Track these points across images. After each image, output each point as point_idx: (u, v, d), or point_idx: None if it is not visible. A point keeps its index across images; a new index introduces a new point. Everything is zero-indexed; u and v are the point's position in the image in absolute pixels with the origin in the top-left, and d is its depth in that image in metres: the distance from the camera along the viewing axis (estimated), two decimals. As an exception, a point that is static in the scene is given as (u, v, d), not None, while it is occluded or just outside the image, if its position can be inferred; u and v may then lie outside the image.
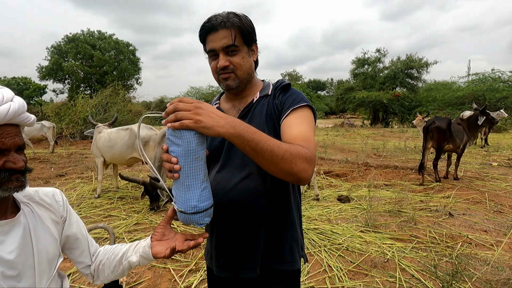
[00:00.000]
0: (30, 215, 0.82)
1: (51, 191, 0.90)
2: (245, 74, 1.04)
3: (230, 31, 0.97)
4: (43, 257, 0.79)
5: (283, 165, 0.82)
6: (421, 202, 4.42)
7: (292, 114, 0.99)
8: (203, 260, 2.82)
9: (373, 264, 2.69)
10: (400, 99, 21.95)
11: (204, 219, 0.85)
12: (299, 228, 1.13)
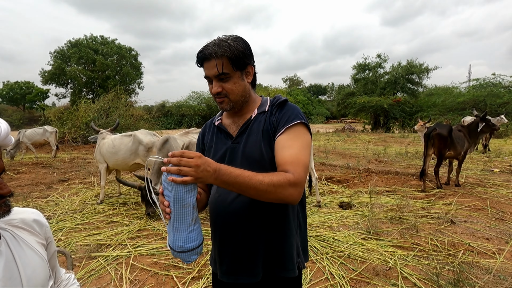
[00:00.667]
0: (12, 241, 0.76)
1: (33, 215, 0.85)
2: (238, 97, 1.11)
3: (220, 60, 1.04)
4: (33, 283, 0.75)
5: (269, 196, 0.94)
6: (422, 209, 4.42)
7: (285, 133, 1.06)
8: (206, 267, 2.84)
9: (375, 272, 2.70)
10: (401, 104, 22.00)
11: (190, 257, 0.95)
12: (299, 235, 1.17)
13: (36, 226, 0.83)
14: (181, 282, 2.59)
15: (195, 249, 0.94)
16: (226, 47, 1.04)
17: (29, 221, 0.82)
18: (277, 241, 1.09)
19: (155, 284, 2.57)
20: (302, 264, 1.16)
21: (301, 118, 1.08)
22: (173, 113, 32.37)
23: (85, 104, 16.31)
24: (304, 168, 1.00)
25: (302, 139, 1.06)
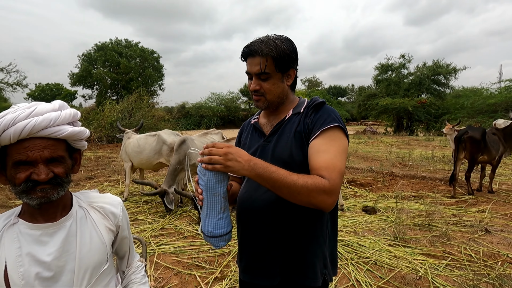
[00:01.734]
0: (82, 220, 0.85)
1: (114, 203, 0.95)
2: (274, 98, 1.10)
3: (265, 59, 1.03)
4: (85, 263, 0.82)
5: (301, 198, 0.92)
6: (453, 216, 4.19)
7: (320, 137, 1.02)
8: (228, 268, 2.83)
9: (405, 281, 2.57)
10: (426, 106, 21.12)
11: (219, 243, 1.01)
12: (328, 245, 1.12)
13: (110, 215, 0.91)
14: (204, 282, 2.59)
15: (223, 236, 1.00)
16: (273, 47, 1.02)
17: (106, 208, 0.91)
18: (298, 247, 1.06)
19: (179, 283, 2.59)
20: (329, 276, 1.11)
21: (338, 122, 1.04)
22: (192, 114, 32.93)
23: (110, 105, 16.92)
24: (340, 175, 0.96)
25: (339, 144, 1.01)
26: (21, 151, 0.73)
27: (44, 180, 0.74)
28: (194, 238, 3.54)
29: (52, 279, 0.77)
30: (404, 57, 23.86)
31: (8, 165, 0.75)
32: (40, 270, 0.76)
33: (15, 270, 0.74)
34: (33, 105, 0.78)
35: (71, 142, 0.83)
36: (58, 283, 0.78)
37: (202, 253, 3.14)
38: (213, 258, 3.04)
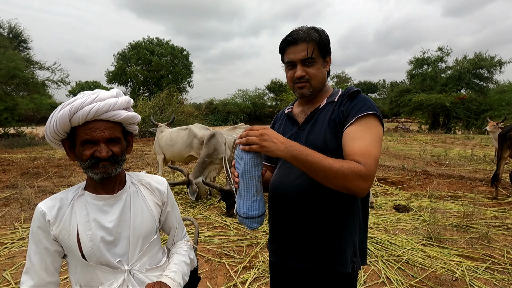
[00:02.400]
0: (134, 194, 0.96)
1: (159, 181, 1.06)
2: (318, 84, 1.12)
3: (308, 44, 1.06)
4: (137, 231, 0.93)
5: (337, 182, 0.92)
6: (495, 218, 3.92)
7: (355, 124, 1.02)
8: (256, 258, 2.89)
9: (439, 281, 2.47)
10: (465, 102, 19.71)
11: (252, 224, 1.06)
12: (359, 233, 1.12)
13: (157, 191, 1.02)
14: (233, 270, 2.67)
15: (257, 217, 1.04)
16: (313, 33, 1.07)
17: (153, 185, 1.03)
18: (329, 233, 1.06)
19: (209, 270, 2.69)
20: (358, 264, 1.11)
21: (374, 110, 1.03)
22: (219, 110, 33.48)
23: (143, 101, 17.73)
24: (375, 161, 0.96)
25: (374, 131, 1.01)
26: (87, 131, 0.84)
27: (105, 157, 0.85)
28: (223, 228, 3.65)
29: (113, 243, 0.89)
30: (442, 50, 22.43)
31: (76, 144, 0.87)
32: (104, 235, 0.88)
33: (85, 233, 0.86)
34: (96, 92, 0.88)
35: (125, 125, 0.94)
36: (117, 247, 0.90)
37: (230, 243, 3.23)
38: (241, 248, 3.11)
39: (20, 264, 2.74)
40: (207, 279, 2.55)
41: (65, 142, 0.91)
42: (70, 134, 0.88)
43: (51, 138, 0.90)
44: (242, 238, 3.35)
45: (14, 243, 3.18)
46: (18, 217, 3.97)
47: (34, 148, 11.57)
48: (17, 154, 9.82)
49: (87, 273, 0.87)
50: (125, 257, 0.90)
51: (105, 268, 0.87)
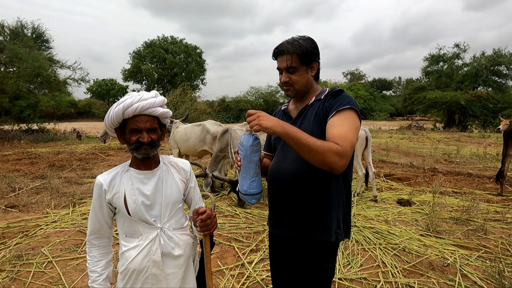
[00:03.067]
0: (165, 172, 1.25)
1: (184, 163, 1.34)
2: (301, 87, 1.33)
3: (290, 56, 1.27)
4: (167, 199, 1.21)
5: (317, 157, 1.11)
6: (496, 212, 4.04)
7: (336, 115, 1.21)
8: (262, 243, 3.16)
9: (431, 266, 2.67)
10: (482, 100, 19.23)
11: (251, 200, 1.29)
12: (343, 211, 1.32)
13: (182, 170, 1.31)
14: (241, 252, 2.95)
15: (255, 195, 1.28)
16: (297, 46, 1.26)
17: (180, 165, 1.31)
18: (316, 209, 1.27)
19: (220, 251, 2.98)
20: (341, 236, 1.31)
21: (352, 105, 1.22)
22: (232, 107, 33.87)
23: (158, 98, 18.23)
24: (350, 145, 1.14)
25: (351, 121, 1.20)
26: (134, 123, 1.14)
27: (146, 142, 1.14)
28: (233, 217, 3.94)
29: (150, 206, 1.18)
30: (459, 47, 21.89)
31: (126, 132, 1.17)
32: (144, 199, 1.16)
33: (130, 198, 1.15)
34: (141, 93, 1.16)
35: (161, 118, 1.23)
36: (153, 210, 1.18)
37: (240, 230, 3.51)
38: (249, 234, 3.39)
39: (55, 242, 3.11)
40: (217, 259, 2.84)
41: (118, 130, 1.21)
42: (121, 124, 1.18)
43: (108, 126, 1.20)
44: (250, 226, 3.63)
45: (48, 225, 3.58)
46: (48, 204, 4.39)
47: (56, 143, 12.25)
48: (42, 148, 10.46)
49: (131, 226, 1.17)
50: (158, 218, 1.18)
51: (144, 224, 1.16)
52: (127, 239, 1.18)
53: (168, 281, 1.18)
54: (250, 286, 2.41)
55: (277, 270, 1.46)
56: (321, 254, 1.30)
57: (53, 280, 2.47)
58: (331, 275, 1.35)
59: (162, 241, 1.17)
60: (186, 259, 1.23)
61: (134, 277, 1.15)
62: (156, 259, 1.15)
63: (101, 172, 5.84)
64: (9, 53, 12.44)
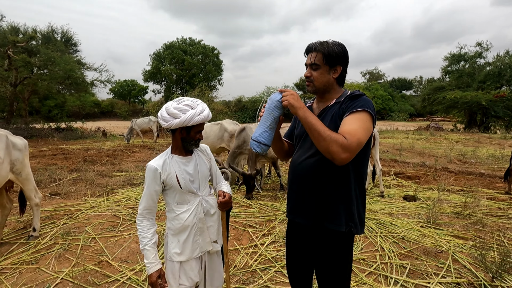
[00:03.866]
0: (197, 156, 1.67)
1: (204, 147, 1.74)
2: (320, 85, 1.42)
3: (315, 53, 1.39)
4: (202, 175, 1.63)
5: (323, 144, 1.22)
6: (498, 209, 4.21)
7: (350, 115, 1.29)
8: (274, 229, 3.53)
9: (426, 251, 2.95)
10: (505, 100, 18.63)
11: (256, 148, 1.40)
12: (357, 205, 1.40)
13: (205, 152, 1.73)
14: (255, 235, 3.34)
15: (261, 144, 1.40)
16: (325, 46, 1.38)
17: (202, 149, 1.73)
18: (327, 199, 1.37)
19: (236, 234, 3.39)
20: (354, 229, 1.38)
21: (368, 108, 1.28)
22: (248, 107, 34.34)
23: (177, 99, 19.00)
24: (357, 141, 1.21)
25: (363, 122, 1.26)
26: (198, 127, 1.55)
27: (198, 140, 1.58)
28: (248, 207, 4.33)
29: (193, 181, 1.59)
30: (481, 45, 21.25)
31: (192, 131, 1.54)
32: (189, 176, 1.58)
33: (180, 176, 1.55)
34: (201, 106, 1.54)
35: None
36: (195, 184, 1.60)
37: (253, 218, 3.90)
38: (262, 222, 3.78)
39: (95, 223, 3.63)
40: (234, 240, 3.25)
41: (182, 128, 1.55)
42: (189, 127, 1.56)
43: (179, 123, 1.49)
44: (263, 215, 4.01)
45: (87, 210, 4.12)
46: (85, 193, 4.96)
47: (85, 141, 13.13)
48: (72, 145, 11.31)
49: (182, 196, 1.57)
50: (198, 189, 1.60)
51: (191, 194, 1.57)
52: (178, 206, 1.57)
53: (209, 232, 1.61)
54: (261, 261, 2.79)
55: (291, 253, 1.61)
56: (333, 243, 1.40)
57: (98, 252, 2.96)
58: (345, 266, 1.44)
59: (204, 204, 1.60)
60: (218, 216, 1.66)
61: (188, 231, 1.56)
62: (201, 217, 1.58)
63: (129, 167, 6.43)
64: (43, 56, 13.48)
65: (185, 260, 1.56)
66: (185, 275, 1.56)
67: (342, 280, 1.46)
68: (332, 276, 1.45)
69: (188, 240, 1.56)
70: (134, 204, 4.37)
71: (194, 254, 1.58)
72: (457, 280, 2.46)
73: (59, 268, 2.65)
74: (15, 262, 2.74)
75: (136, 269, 2.64)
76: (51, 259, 2.79)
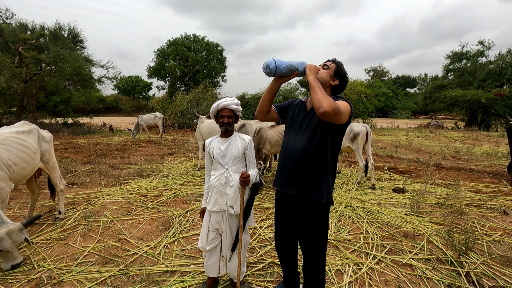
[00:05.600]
0: (234, 140, 2.13)
1: (246, 138, 2.17)
2: (320, 79, 1.82)
3: (331, 62, 1.90)
4: (231, 154, 2.10)
5: (318, 96, 1.63)
6: (479, 200, 4.57)
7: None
8: (272, 215, 3.93)
9: (405, 235, 3.33)
10: (505, 98, 18.80)
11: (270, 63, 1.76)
12: (332, 181, 1.85)
13: (243, 141, 2.17)
14: (254, 220, 3.74)
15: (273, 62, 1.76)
16: (341, 65, 1.89)
17: (242, 138, 2.17)
18: (311, 174, 1.79)
19: (238, 219, 3.79)
20: (331, 200, 1.83)
21: (345, 100, 1.76)
22: (251, 104, 34.66)
23: (181, 95, 19.42)
24: (338, 107, 1.61)
25: (344, 104, 1.71)
26: (222, 112, 2.08)
27: (227, 122, 2.07)
28: (249, 197, 4.73)
29: (223, 156, 2.09)
30: (483, 44, 21.36)
31: (218, 116, 2.11)
32: (220, 152, 2.08)
33: (215, 151, 2.09)
34: (226, 98, 2.09)
35: (235, 111, 2.13)
36: (225, 159, 2.08)
37: (254, 206, 4.30)
38: (261, 209, 4.18)
39: (112, 208, 4.05)
40: (236, 223, 3.65)
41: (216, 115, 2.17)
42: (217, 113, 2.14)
43: (211, 114, 2.18)
44: (262, 203, 4.41)
45: (104, 197, 4.55)
46: (100, 183, 5.40)
47: (93, 136, 13.60)
48: (81, 140, 11.77)
49: (215, 164, 2.12)
50: (227, 163, 2.09)
51: (220, 165, 2.10)
52: (213, 171, 2.16)
53: (227, 197, 2.08)
54: (259, 241, 3.20)
55: (279, 222, 2.03)
56: (315, 211, 1.82)
57: (117, 232, 3.38)
58: (324, 231, 1.87)
59: (226, 175, 2.09)
60: (236, 188, 2.08)
61: (211, 189, 2.13)
62: (222, 183, 2.09)
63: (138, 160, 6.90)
64: (52, 53, 13.92)
65: (209, 209, 2.15)
66: (210, 220, 2.15)
67: (322, 244, 1.89)
68: (314, 240, 1.87)
69: (211, 196, 2.14)
70: (145, 193, 4.80)
71: (214, 208, 2.13)
72: (428, 257, 2.85)
73: (84, 244, 3.08)
74: (47, 239, 3.17)
75: (151, 245, 3.05)
76: (77, 237, 3.22)
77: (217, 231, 2.15)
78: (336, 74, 1.85)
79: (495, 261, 2.79)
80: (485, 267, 2.69)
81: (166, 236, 3.26)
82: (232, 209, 2.09)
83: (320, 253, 1.89)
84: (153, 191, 4.93)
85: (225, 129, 2.10)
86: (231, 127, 2.13)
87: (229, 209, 2.09)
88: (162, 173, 6.22)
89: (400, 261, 2.78)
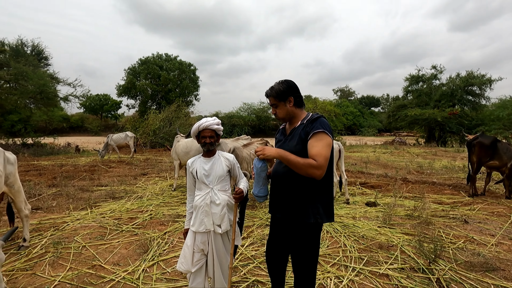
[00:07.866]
0: (217, 159, 2.15)
1: (229, 156, 2.20)
2: (284, 116, 1.93)
3: (270, 97, 1.94)
4: (216, 173, 2.10)
5: (301, 170, 1.71)
6: (442, 211, 4.93)
7: (312, 138, 1.74)
8: (252, 233, 3.93)
9: (380, 246, 3.50)
10: (457, 117, 20.75)
11: (259, 199, 2.01)
12: (322, 200, 1.82)
13: (227, 160, 2.18)
14: (236, 239, 3.71)
15: (262, 197, 2.00)
16: (273, 90, 1.90)
17: (225, 157, 2.19)
18: (296, 198, 1.82)
19: (218, 239, 3.74)
20: (321, 219, 1.79)
21: (324, 128, 1.73)
22: (225, 123, 34.73)
23: (153, 114, 19.06)
24: (324, 159, 1.66)
25: (324, 141, 1.71)
26: (204, 133, 2.09)
27: (210, 142, 2.08)
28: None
29: (207, 176, 2.07)
30: (436, 68, 23.66)
31: (200, 136, 2.11)
32: (204, 172, 2.07)
33: (198, 171, 2.07)
34: (206, 119, 2.10)
35: (217, 131, 2.15)
36: (209, 178, 2.08)
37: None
38: (241, 227, 4.16)
39: (84, 233, 3.82)
40: (217, 243, 3.60)
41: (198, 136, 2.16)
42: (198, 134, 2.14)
43: (192, 134, 2.18)
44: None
45: (73, 222, 4.28)
46: (68, 207, 5.07)
47: (57, 157, 12.78)
48: (44, 161, 11.01)
49: (199, 184, 2.10)
50: (211, 182, 2.08)
51: (204, 185, 2.07)
52: (197, 191, 2.14)
53: (213, 216, 2.06)
54: (241, 259, 3.18)
55: (272, 240, 2.08)
56: (303, 231, 1.84)
57: (90, 258, 3.19)
58: (314, 249, 1.88)
59: (211, 194, 2.08)
60: (222, 207, 2.07)
61: (196, 210, 2.10)
62: (207, 202, 2.07)
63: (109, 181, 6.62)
64: (14, 70, 13.15)
65: (194, 230, 2.09)
66: (195, 241, 2.11)
67: (312, 262, 1.91)
68: (304, 257, 1.90)
69: (197, 216, 2.10)
70: (119, 215, 4.59)
71: (200, 228, 2.08)
72: (402, 266, 3.01)
73: (54, 273, 2.86)
74: (10, 269, 2.91)
75: (128, 270, 2.92)
76: (45, 266, 2.99)
77: (203, 252, 2.12)
78: (282, 98, 1.88)
79: (460, 267, 3.02)
80: (452, 272, 2.89)
81: (145, 259, 3.13)
82: (219, 228, 2.07)
83: (310, 271, 1.92)
84: (127, 213, 4.73)
85: (207, 149, 2.10)
86: (213, 146, 2.13)
87: (216, 228, 2.07)
88: (136, 194, 5.99)
89: (377, 272, 2.91)
